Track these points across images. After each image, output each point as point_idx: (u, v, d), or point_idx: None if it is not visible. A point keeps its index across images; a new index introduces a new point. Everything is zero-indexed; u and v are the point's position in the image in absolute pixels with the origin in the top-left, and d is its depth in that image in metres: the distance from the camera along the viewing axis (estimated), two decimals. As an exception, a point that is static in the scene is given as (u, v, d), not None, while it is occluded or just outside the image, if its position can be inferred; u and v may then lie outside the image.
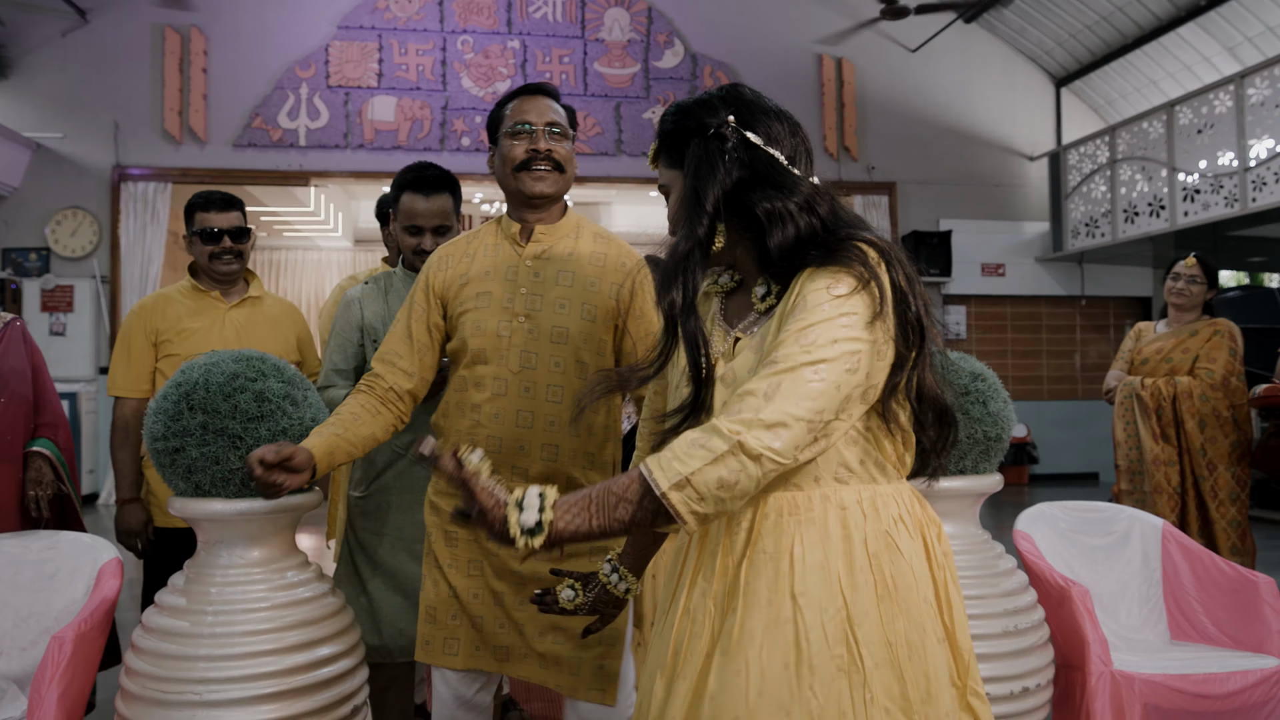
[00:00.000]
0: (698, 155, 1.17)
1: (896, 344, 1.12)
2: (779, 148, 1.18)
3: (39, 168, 7.95)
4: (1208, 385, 3.37)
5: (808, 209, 1.16)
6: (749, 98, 1.21)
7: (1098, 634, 2.05)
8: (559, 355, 1.73)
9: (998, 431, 1.98)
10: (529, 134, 1.75)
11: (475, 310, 1.76)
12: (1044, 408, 9.04)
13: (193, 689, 1.64)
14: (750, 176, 1.16)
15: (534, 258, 1.77)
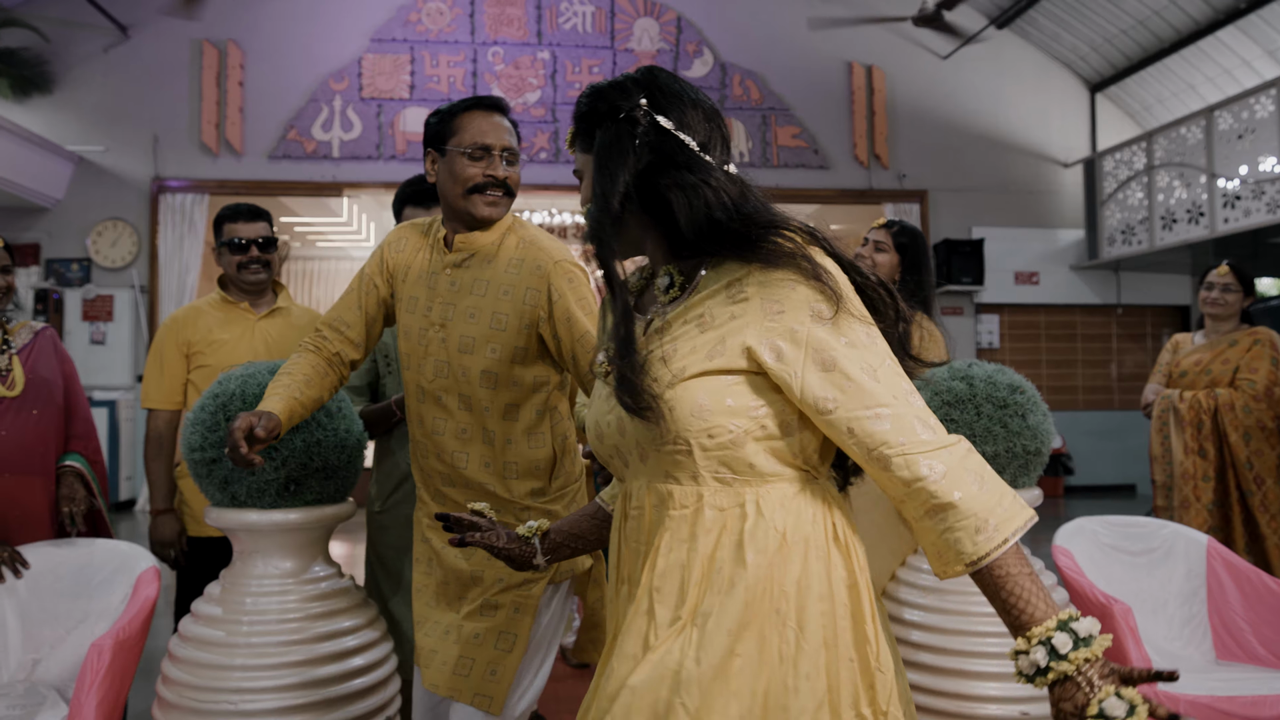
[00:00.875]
0: (607, 138, 1.13)
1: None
2: (691, 134, 1.13)
3: (81, 180, 8.12)
4: (1250, 397, 3.28)
5: (715, 191, 1.09)
6: (664, 81, 1.16)
7: (1141, 653, 2.00)
8: (465, 364, 1.73)
9: (1037, 445, 1.94)
10: (487, 158, 1.73)
11: (405, 314, 1.81)
12: (1079, 418, 8.89)
13: (228, 698, 1.65)
14: (659, 161, 1.10)
15: (452, 266, 1.77)
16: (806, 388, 1.04)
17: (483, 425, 1.74)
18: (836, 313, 1.04)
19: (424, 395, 1.76)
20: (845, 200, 8.69)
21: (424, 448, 1.80)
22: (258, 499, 1.78)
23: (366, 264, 1.86)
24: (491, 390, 1.72)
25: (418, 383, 1.77)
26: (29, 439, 2.26)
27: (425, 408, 1.77)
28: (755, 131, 8.53)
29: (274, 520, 1.76)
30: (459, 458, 1.75)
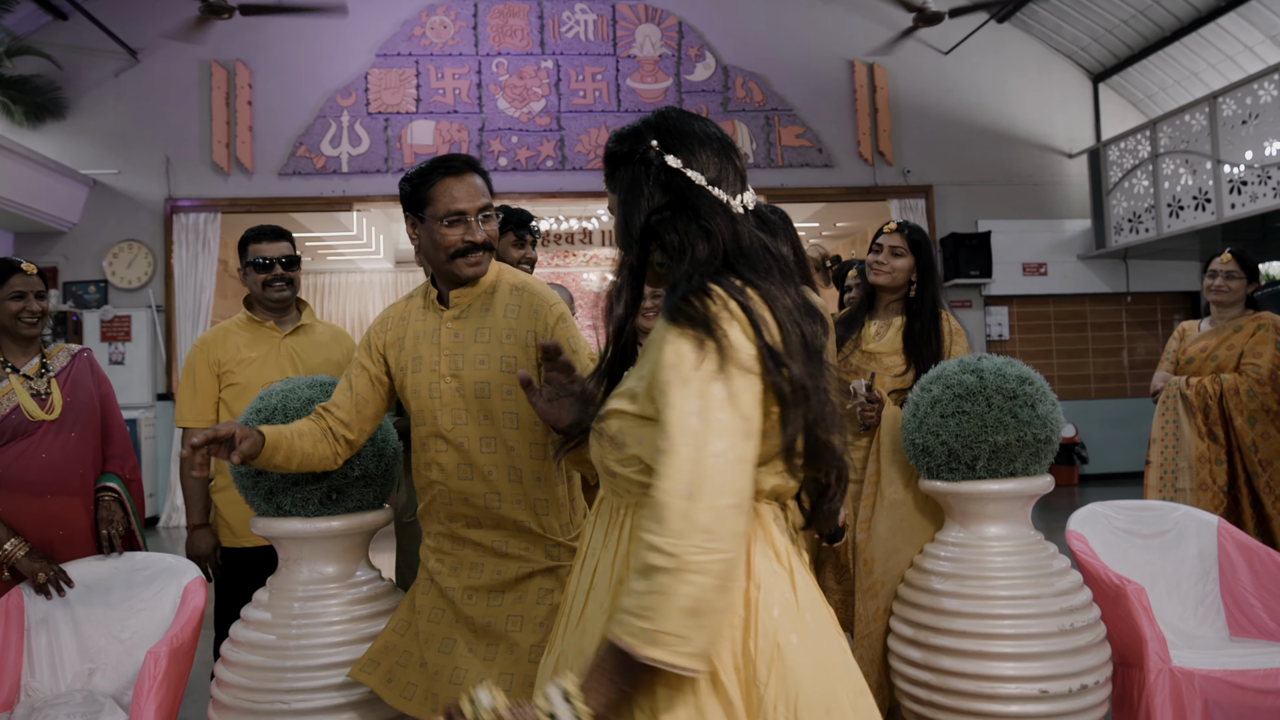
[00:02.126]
0: (625, 181, 1.21)
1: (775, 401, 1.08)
2: (701, 169, 1.17)
3: (96, 203, 8.25)
4: (1254, 381, 3.33)
5: (702, 238, 1.14)
6: (673, 121, 1.21)
7: (1155, 631, 2.07)
8: (485, 409, 1.78)
9: (1047, 434, 2.01)
10: (463, 224, 1.78)
11: (412, 374, 1.84)
12: (1091, 407, 8.92)
13: (281, 698, 1.73)
14: (670, 200, 1.16)
15: (453, 319, 1.83)
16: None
17: (510, 464, 1.78)
18: (696, 371, 1.05)
19: (445, 445, 1.80)
20: (850, 198, 8.74)
21: (445, 496, 1.81)
22: (301, 508, 1.86)
23: (357, 349, 1.93)
24: (516, 430, 1.78)
25: (436, 433, 1.81)
26: (69, 461, 2.34)
27: (446, 456, 1.80)
28: (759, 133, 8.60)
29: (318, 528, 1.84)
30: (491, 499, 1.78)
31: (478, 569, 1.80)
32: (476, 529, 1.81)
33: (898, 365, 2.56)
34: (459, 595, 1.80)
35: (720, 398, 1.03)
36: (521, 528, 1.79)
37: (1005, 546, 2.03)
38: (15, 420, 2.26)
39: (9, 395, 2.27)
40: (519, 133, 8.39)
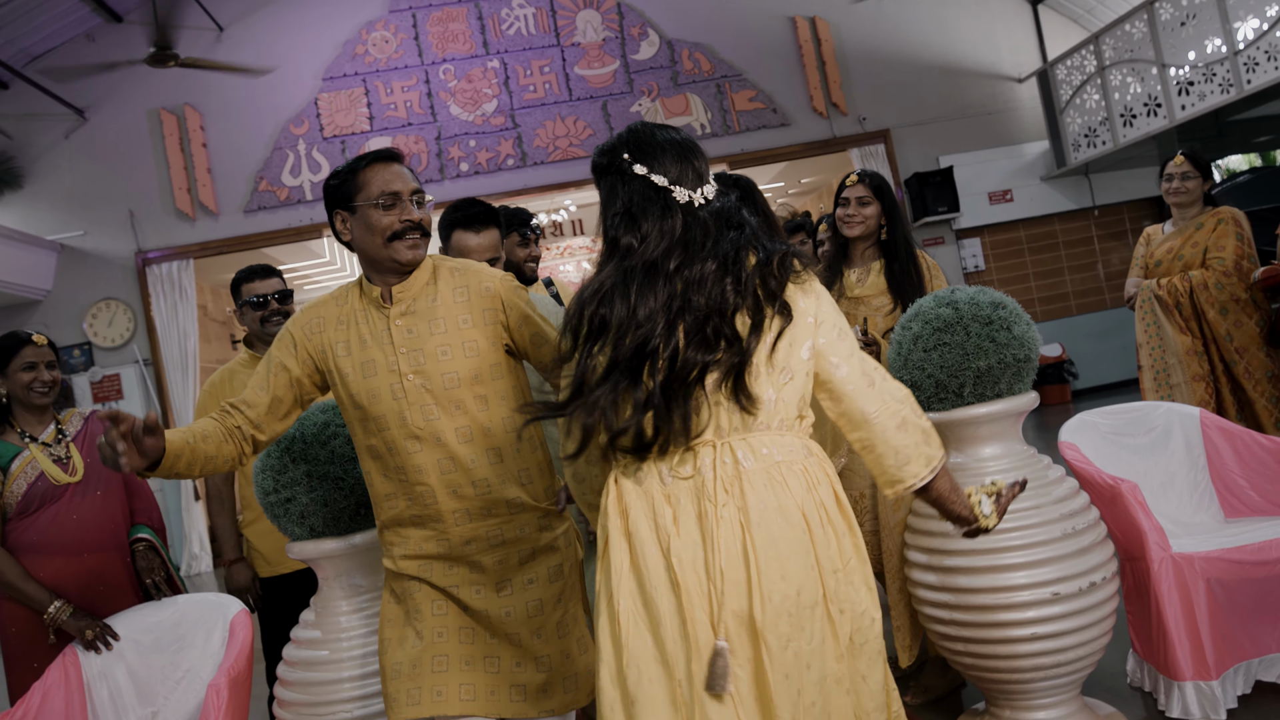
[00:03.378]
0: (605, 188, 1.46)
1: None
2: (663, 173, 1.41)
3: (67, 267, 8.24)
4: (1220, 273, 3.45)
5: (647, 236, 1.39)
6: (640, 135, 1.45)
7: (1152, 523, 2.18)
8: (455, 399, 1.75)
9: (1025, 353, 2.11)
10: (399, 204, 1.75)
11: (365, 379, 1.77)
12: (1075, 323, 9.06)
13: (345, 708, 1.82)
14: (628, 204, 1.41)
15: (401, 316, 1.78)
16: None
17: (489, 447, 1.77)
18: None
19: (419, 444, 1.75)
20: (811, 153, 8.82)
21: (426, 498, 1.75)
22: (333, 527, 1.94)
23: (273, 348, 1.84)
24: (487, 410, 1.77)
25: (408, 434, 1.75)
26: (100, 519, 2.42)
27: (424, 455, 1.75)
28: (712, 101, 8.65)
29: (352, 543, 1.93)
30: (480, 486, 1.76)
31: (477, 568, 1.77)
32: (467, 522, 1.76)
33: (885, 304, 2.68)
34: (466, 593, 1.77)
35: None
36: (514, 505, 1.78)
37: (1002, 464, 2.13)
38: (42, 487, 2.33)
39: (31, 464, 2.34)
40: (476, 136, 8.42)
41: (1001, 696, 2.20)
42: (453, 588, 1.77)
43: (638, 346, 1.33)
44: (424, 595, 1.78)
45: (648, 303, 1.34)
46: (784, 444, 1.38)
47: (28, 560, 2.29)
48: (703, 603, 1.30)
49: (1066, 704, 2.17)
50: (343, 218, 1.80)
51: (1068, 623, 2.02)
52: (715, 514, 1.32)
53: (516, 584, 1.78)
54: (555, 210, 10.22)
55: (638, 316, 1.34)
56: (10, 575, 2.26)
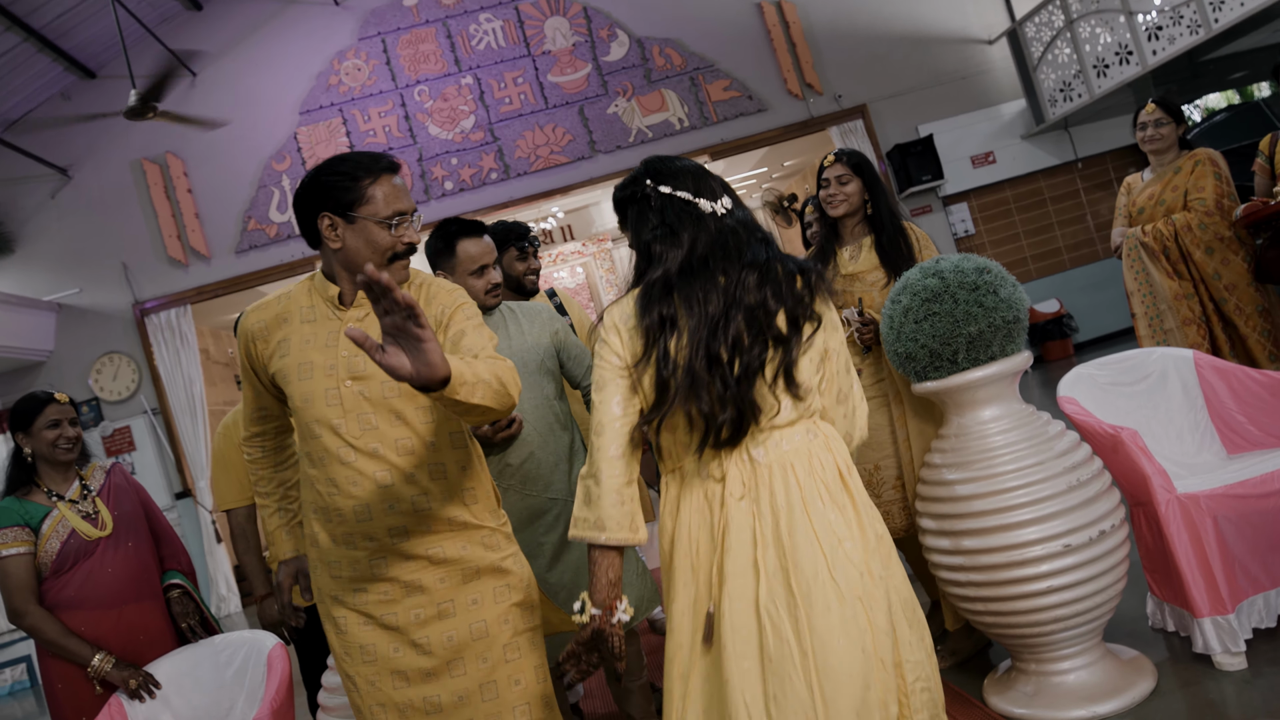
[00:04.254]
0: (634, 214, 1.63)
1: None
2: (686, 190, 1.59)
3: (67, 325, 8.31)
4: (1203, 214, 3.49)
5: (677, 246, 1.56)
6: (657, 164, 1.64)
7: (1155, 466, 2.22)
8: (395, 409, 1.68)
9: (1014, 314, 2.15)
10: (406, 225, 1.71)
11: (299, 382, 1.70)
12: (1069, 277, 9.09)
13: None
14: (667, 215, 1.58)
15: (357, 320, 1.72)
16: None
17: (432, 460, 1.69)
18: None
19: (355, 454, 1.67)
20: (791, 136, 8.85)
21: (363, 510, 1.67)
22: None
23: (242, 361, 1.82)
24: (431, 423, 1.69)
25: (342, 443, 1.67)
26: (133, 569, 2.48)
27: (359, 467, 1.67)
28: (688, 95, 8.69)
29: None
30: (420, 501, 1.67)
31: (416, 588, 1.69)
32: (404, 539, 1.68)
33: (880, 279, 2.71)
34: (405, 623, 1.69)
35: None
36: (455, 523, 1.70)
37: (1002, 425, 2.18)
38: (75, 544, 2.38)
39: (62, 523, 2.39)
40: (457, 153, 8.47)
41: (1026, 651, 2.25)
42: (389, 615, 1.69)
43: (710, 339, 1.49)
44: (356, 635, 1.71)
45: (711, 298, 1.51)
46: (799, 432, 1.54)
47: (67, 616, 2.35)
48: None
49: (1090, 652, 2.21)
50: (333, 222, 1.69)
51: (1082, 572, 2.07)
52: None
53: (460, 604, 1.70)
54: (544, 219, 10.27)
55: (707, 310, 1.50)
56: (51, 633, 2.31)
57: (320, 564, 1.75)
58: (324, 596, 1.76)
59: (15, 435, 2.46)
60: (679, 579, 1.53)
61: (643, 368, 1.52)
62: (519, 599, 1.75)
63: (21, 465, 2.45)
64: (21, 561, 2.34)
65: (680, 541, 1.53)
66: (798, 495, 1.47)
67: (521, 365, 2.46)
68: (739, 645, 1.42)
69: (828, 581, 1.42)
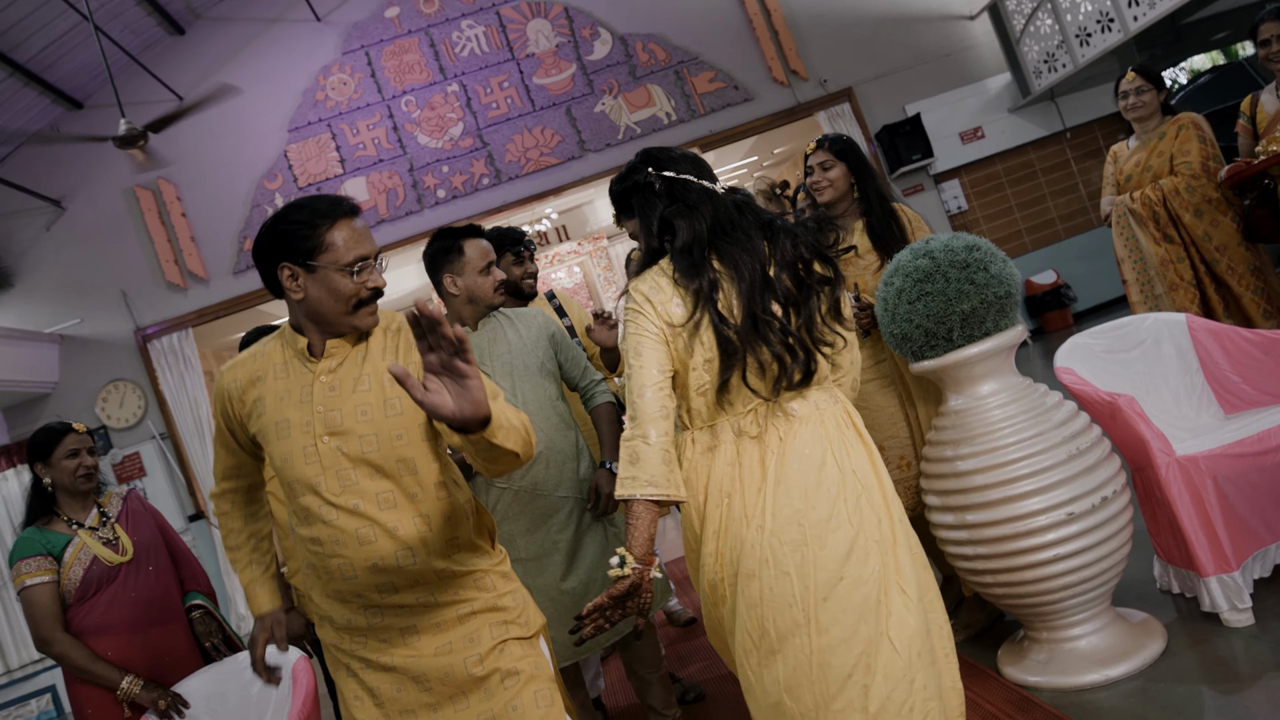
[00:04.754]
0: (639, 202, 1.77)
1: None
2: (689, 174, 1.75)
3: (70, 356, 8.35)
4: (1189, 177, 3.51)
5: (697, 218, 1.70)
6: (655, 153, 1.79)
7: (1154, 431, 2.25)
8: (374, 464, 1.63)
9: (1006, 289, 2.18)
10: (369, 270, 1.64)
11: (278, 441, 1.65)
12: (1065, 247, 9.11)
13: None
14: (674, 199, 1.72)
15: (328, 372, 1.66)
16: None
17: (416, 513, 1.64)
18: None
19: (336, 512, 1.62)
20: (779, 123, 8.87)
21: (345, 570, 1.63)
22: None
23: (215, 419, 1.76)
24: (414, 475, 1.65)
25: (324, 502, 1.62)
26: (156, 592, 2.52)
27: (341, 525, 1.62)
28: (674, 89, 8.71)
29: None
30: (404, 557, 1.63)
31: (411, 631, 1.66)
32: (393, 594, 1.64)
33: (873, 262, 2.73)
34: (404, 664, 1.65)
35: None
36: (444, 575, 1.66)
37: (1001, 399, 2.21)
38: (97, 570, 2.43)
39: (84, 550, 2.43)
40: (448, 161, 8.50)
41: (1037, 620, 2.28)
42: (387, 658, 1.66)
43: (761, 294, 1.63)
44: (362, 679, 1.70)
45: (750, 258, 1.65)
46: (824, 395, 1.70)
47: (93, 641, 2.39)
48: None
49: (1099, 616, 2.25)
50: (293, 272, 1.63)
51: (1086, 539, 2.10)
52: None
53: (456, 644, 1.67)
54: (538, 221, 10.29)
55: (754, 267, 1.64)
56: (79, 659, 2.35)
57: (318, 617, 1.75)
58: (327, 647, 1.77)
59: (34, 466, 2.50)
60: (710, 527, 1.66)
61: (690, 330, 1.64)
62: (517, 633, 1.71)
63: (42, 495, 2.49)
64: (46, 590, 2.38)
65: (714, 493, 1.65)
66: (829, 444, 1.62)
67: (524, 368, 2.50)
68: (766, 577, 1.57)
69: (844, 522, 1.57)
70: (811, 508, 1.57)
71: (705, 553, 1.68)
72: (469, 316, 2.53)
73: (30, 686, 7.47)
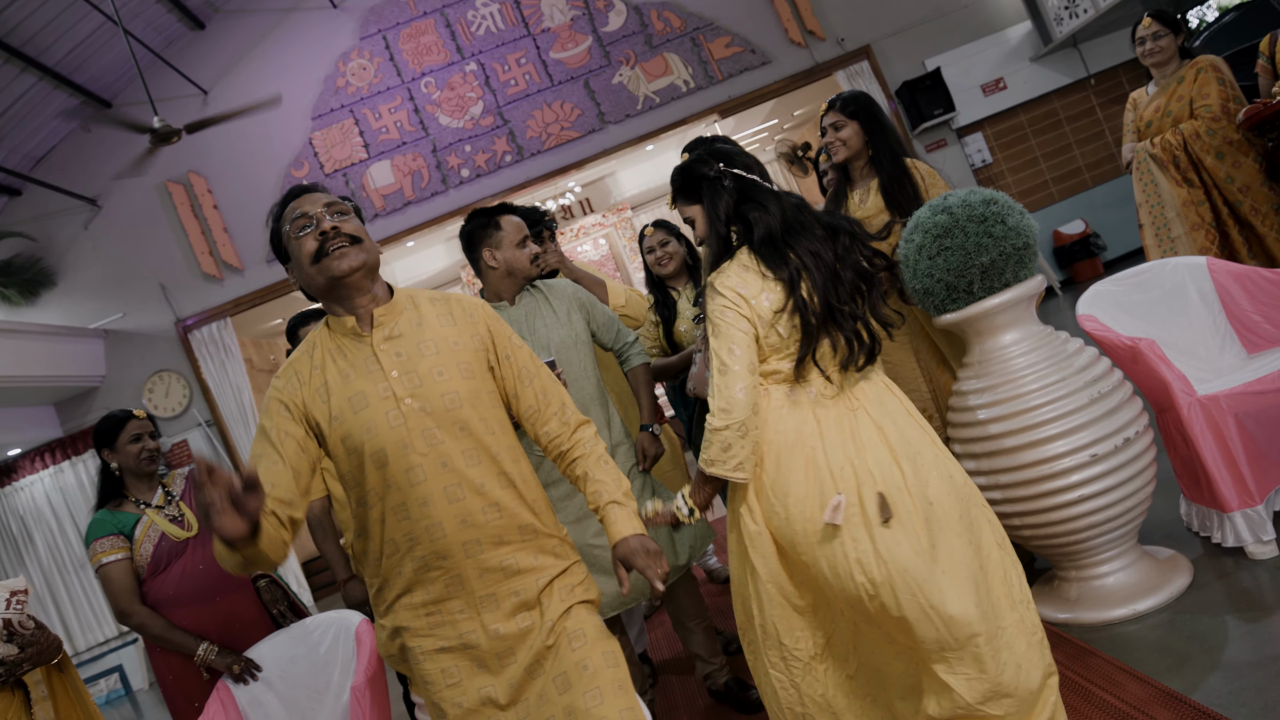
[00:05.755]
0: (708, 192, 1.95)
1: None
2: (755, 175, 1.94)
3: (115, 349, 8.60)
4: (1209, 120, 3.50)
5: (768, 213, 1.90)
6: (722, 151, 1.98)
7: (1175, 372, 2.30)
8: (458, 420, 1.65)
9: (1024, 240, 2.23)
10: (312, 223, 1.67)
11: (357, 414, 1.64)
12: (1093, 196, 9.01)
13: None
14: (742, 195, 1.93)
15: (386, 340, 1.68)
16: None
17: (499, 471, 1.68)
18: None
19: (423, 474, 1.63)
20: (797, 85, 8.84)
21: (437, 530, 1.63)
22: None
23: (264, 420, 1.68)
24: (494, 435, 1.69)
25: (409, 465, 1.62)
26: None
27: (429, 485, 1.63)
28: (691, 56, 8.70)
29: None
30: (491, 513, 1.65)
31: (491, 601, 1.66)
32: (479, 553, 1.65)
33: (885, 222, 2.77)
34: (484, 639, 1.65)
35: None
36: (527, 531, 1.69)
37: (1023, 347, 2.27)
38: (166, 546, 2.58)
39: (152, 527, 2.59)
40: (470, 140, 8.58)
41: (1066, 560, 2.36)
42: (470, 634, 1.66)
43: (831, 286, 1.85)
44: (436, 661, 1.67)
45: (822, 251, 1.86)
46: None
47: (169, 612, 2.55)
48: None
49: (1126, 554, 2.32)
50: (289, 269, 1.73)
51: (1111, 479, 2.17)
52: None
53: (534, 612, 1.69)
54: (561, 195, 10.36)
55: (823, 261, 1.85)
56: (158, 629, 2.52)
57: (390, 609, 1.71)
58: (405, 642, 1.71)
59: (101, 452, 2.65)
60: (794, 477, 1.82)
61: (780, 316, 1.85)
62: (582, 596, 1.74)
63: (110, 479, 2.65)
64: (121, 566, 2.54)
65: (797, 448, 1.82)
66: (894, 406, 1.86)
67: (560, 341, 2.59)
68: (902, 515, 1.76)
69: (930, 454, 1.82)
70: (903, 455, 1.80)
71: (794, 497, 1.80)
72: (507, 290, 2.62)
73: (99, 667, 7.81)
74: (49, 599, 8.54)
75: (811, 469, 1.80)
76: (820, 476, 1.79)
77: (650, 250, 3.28)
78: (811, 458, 1.81)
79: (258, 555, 1.47)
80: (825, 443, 1.81)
